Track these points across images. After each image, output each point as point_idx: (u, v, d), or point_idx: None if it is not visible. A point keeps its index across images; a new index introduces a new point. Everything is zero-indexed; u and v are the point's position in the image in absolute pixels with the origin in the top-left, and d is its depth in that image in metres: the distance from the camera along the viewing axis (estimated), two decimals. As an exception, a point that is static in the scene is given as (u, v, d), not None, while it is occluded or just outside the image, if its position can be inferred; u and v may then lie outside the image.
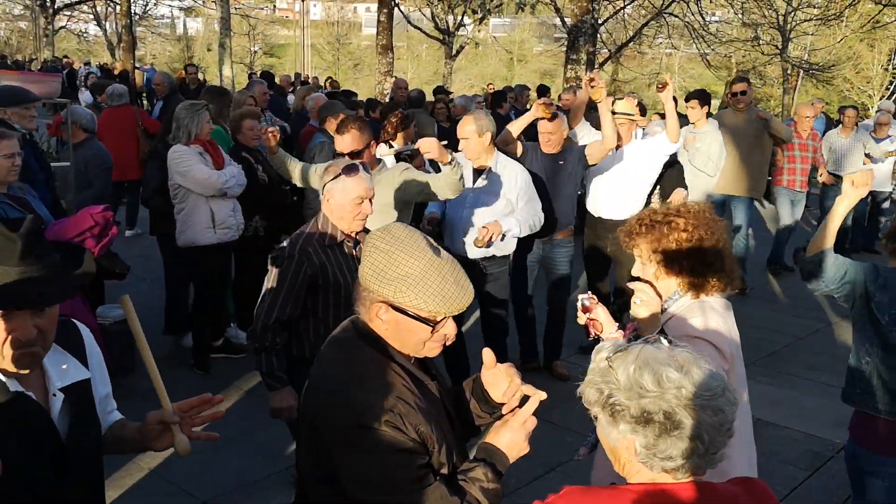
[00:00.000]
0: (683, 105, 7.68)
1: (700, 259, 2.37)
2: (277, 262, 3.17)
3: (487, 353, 1.98)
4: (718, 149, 7.02)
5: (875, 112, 10.64)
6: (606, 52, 22.88)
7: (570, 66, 15.62)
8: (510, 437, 1.85)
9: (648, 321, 2.42)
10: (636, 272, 2.49)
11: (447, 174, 4.05)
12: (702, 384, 1.43)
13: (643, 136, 6.59)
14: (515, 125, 5.32)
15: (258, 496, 4.05)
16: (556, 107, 6.23)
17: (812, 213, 10.94)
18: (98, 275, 4.65)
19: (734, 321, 2.51)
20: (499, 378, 1.98)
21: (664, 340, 1.56)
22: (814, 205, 10.65)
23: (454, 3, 26.59)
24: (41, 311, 1.65)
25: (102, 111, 8.38)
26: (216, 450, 4.46)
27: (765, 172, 7.82)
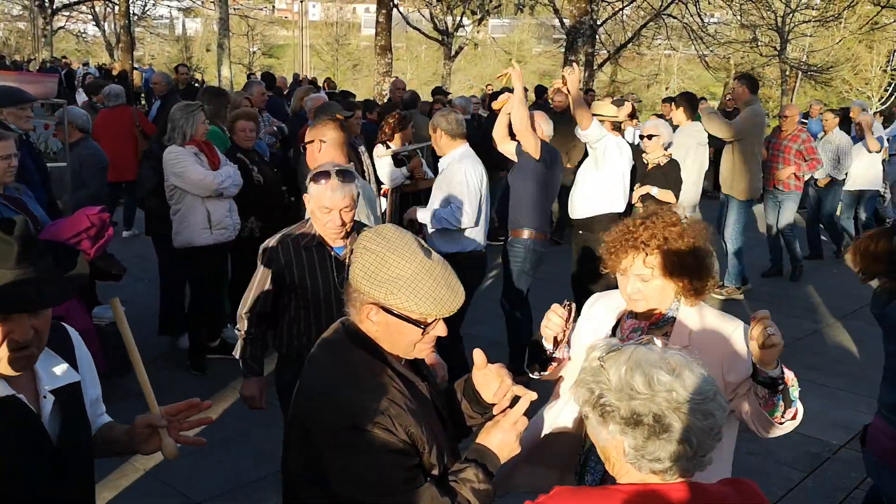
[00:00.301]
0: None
1: (701, 262, 2.34)
2: (259, 258, 3.24)
3: (478, 354, 1.98)
4: (683, 154, 6.96)
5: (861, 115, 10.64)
6: (605, 53, 22.90)
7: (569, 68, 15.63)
8: (501, 438, 1.85)
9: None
10: (629, 290, 2.27)
11: None
12: (693, 388, 1.43)
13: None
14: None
15: (254, 497, 4.04)
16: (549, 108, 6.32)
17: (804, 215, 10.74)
18: (93, 276, 4.65)
19: None
20: (489, 379, 1.99)
21: (657, 342, 1.56)
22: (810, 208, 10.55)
23: (453, 4, 26.59)
24: (37, 313, 1.65)
25: (99, 112, 8.39)
26: (212, 451, 4.46)
27: (759, 173, 7.76)
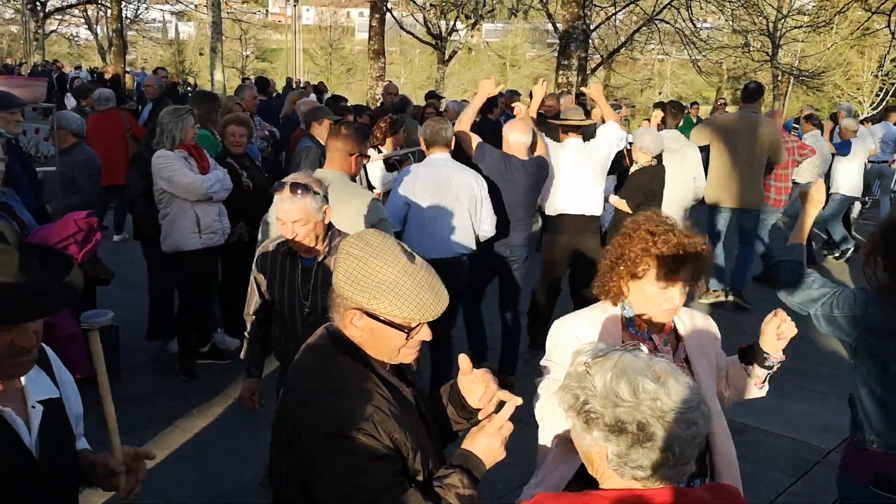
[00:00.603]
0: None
1: (699, 265, 2.33)
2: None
3: (463, 359, 1.98)
4: (669, 159, 6.67)
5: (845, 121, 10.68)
6: (598, 58, 22.97)
7: (562, 72, 15.69)
8: (486, 443, 1.85)
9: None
10: (675, 301, 2.26)
11: None
12: (677, 397, 1.43)
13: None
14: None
15: (241, 502, 4.02)
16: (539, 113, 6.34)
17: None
18: (85, 281, 4.63)
19: None
20: (475, 384, 1.98)
21: (643, 348, 1.56)
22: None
23: (447, 9, 26.64)
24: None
25: (90, 116, 8.35)
26: (201, 456, 4.45)
27: (754, 182, 7.48)
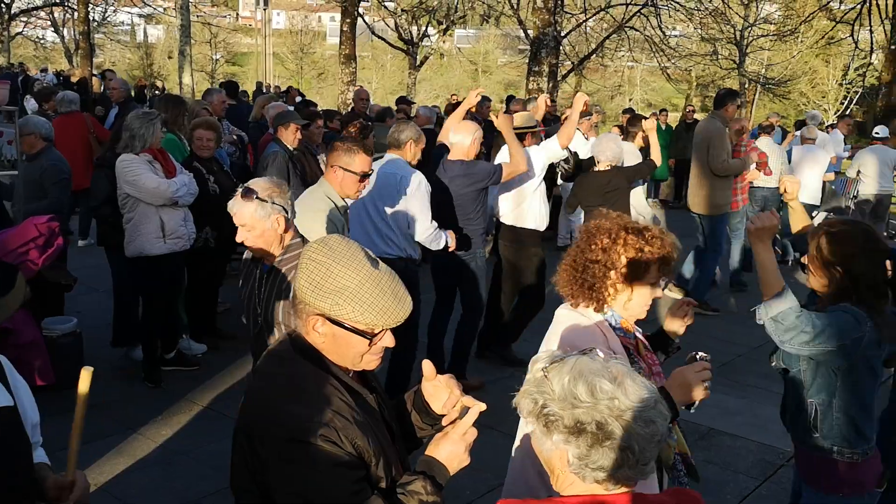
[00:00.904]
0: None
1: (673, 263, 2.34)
2: None
3: (427, 365, 1.97)
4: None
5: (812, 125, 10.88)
6: (569, 65, 23.12)
7: (533, 78, 15.76)
8: (450, 450, 1.84)
9: None
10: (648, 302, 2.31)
11: None
12: (634, 396, 1.45)
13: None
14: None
15: (208, 511, 3.97)
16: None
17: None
18: (43, 286, 4.55)
19: None
20: (439, 389, 1.98)
21: (600, 352, 1.56)
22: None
23: (418, 14, 26.68)
24: None
25: (53, 119, 8.22)
26: (167, 464, 4.39)
27: (719, 188, 7.53)
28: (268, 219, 2.98)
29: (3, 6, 28.04)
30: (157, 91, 20.50)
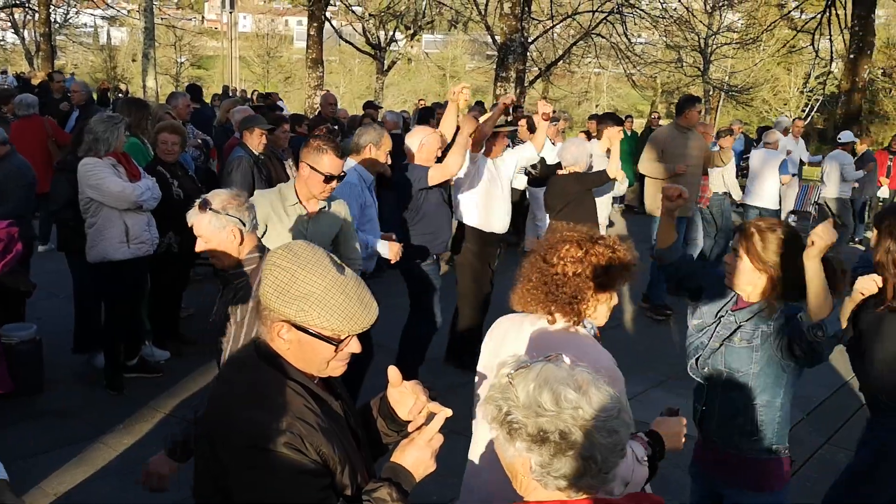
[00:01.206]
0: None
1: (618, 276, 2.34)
2: None
3: (393, 371, 1.96)
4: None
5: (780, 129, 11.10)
6: (536, 70, 23.27)
7: (500, 84, 15.84)
8: (416, 456, 1.83)
9: None
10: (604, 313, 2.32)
11: None
12: (598, 405, 1.44)
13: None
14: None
15: (171, 521, 3.91)
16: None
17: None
18: (8, 293, 4.46)
19: None
20: (405, 396, 1.97)
21: (566, 359, 1.56)
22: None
23: (386, 19, 26.67)
24: None
25: (11, 123, 8.05)
26: (129, 473, 4.30)
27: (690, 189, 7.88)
28: (223, 230, 2.93)
29: (-39, 7, 27.45)
30: (121, 94, 20.23)
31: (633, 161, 13.54)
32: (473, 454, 2.44)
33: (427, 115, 11.14)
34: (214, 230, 2.94)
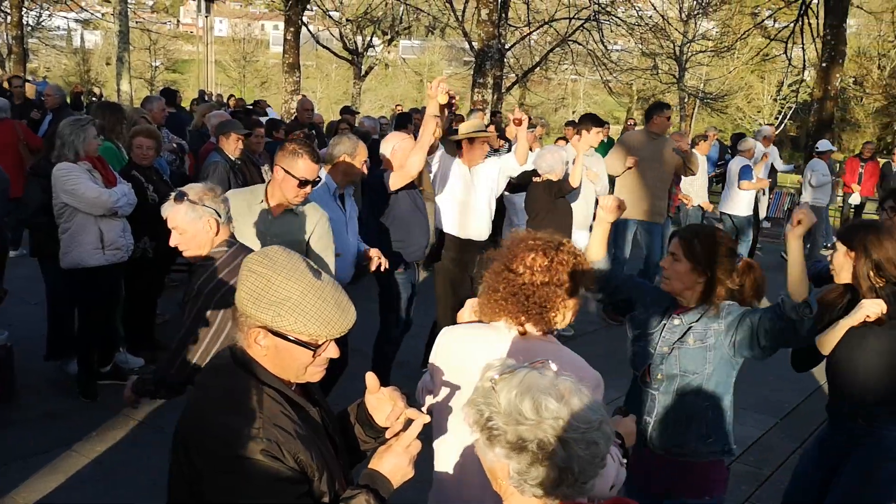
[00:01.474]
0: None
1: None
2: None
3: (371, 378, 1.95)
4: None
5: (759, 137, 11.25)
6: (513, 77, 23.37)
7: (478, 90, 15.88)
8: (394, 462, 1.83)
9: None
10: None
11: None
12: (579, 416, 1.44)
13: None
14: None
15: (145, 529, 3.87)
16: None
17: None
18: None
19: None
20: (383, 402, 1.96)
21: (552, 366, 1.55)
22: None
23: (363, 24, 26.63)
24: None
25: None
26: (103, 481, 4.26)
27: (659, 197, 7.81)
28: (199, 220, 2.95)
29: (-69, 8, 27.02)
30: (95, 98, 20.02)
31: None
32: (439, 467, 2.39)
33: (404, 121, 11.13)
34: (190, 220, 2.95)
